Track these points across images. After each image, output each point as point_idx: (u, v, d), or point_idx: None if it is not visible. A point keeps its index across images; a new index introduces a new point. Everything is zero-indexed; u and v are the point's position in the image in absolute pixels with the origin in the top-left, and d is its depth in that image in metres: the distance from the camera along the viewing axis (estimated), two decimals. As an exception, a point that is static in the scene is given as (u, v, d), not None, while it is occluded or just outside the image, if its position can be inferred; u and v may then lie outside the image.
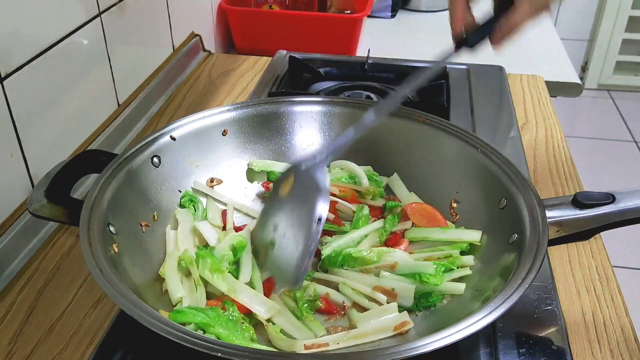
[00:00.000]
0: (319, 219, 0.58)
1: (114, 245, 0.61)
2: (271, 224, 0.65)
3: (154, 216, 0.71)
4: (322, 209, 0.59)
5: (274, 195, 0.67)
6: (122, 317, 0.66)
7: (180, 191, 0.76)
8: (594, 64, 3.33)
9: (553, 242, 0.62)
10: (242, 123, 0.82)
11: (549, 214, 0.62)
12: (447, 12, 0.70)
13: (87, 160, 0.72)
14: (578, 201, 0.63)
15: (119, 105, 1.04)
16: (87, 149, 0.92)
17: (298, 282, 0.59)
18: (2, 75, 0.73)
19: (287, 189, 0.65)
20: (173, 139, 0.75)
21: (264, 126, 0.84)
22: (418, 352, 0.48)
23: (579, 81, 1.34)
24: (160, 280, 0.66)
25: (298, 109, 0.85)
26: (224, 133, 0.80)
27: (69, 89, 0.88)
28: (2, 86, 0.73)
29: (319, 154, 0.64)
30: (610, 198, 0.62)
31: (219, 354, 0.48)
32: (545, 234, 0.59)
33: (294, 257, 0.60)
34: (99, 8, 0.94)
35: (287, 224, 0.63)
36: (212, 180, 0.79)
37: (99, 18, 0.94)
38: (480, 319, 0.51)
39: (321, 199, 0.59)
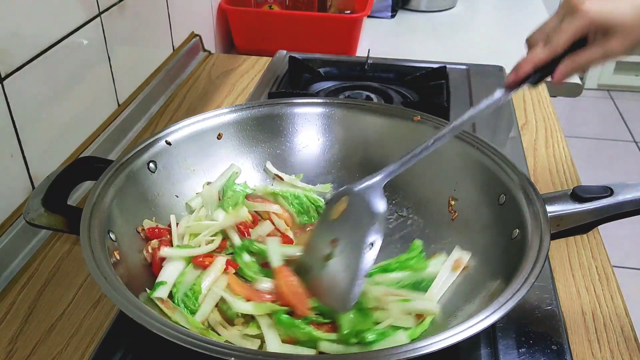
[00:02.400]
0: (371, 244, 0.59)
1: (116, 253, 0.61)
2: (322, 245, 0.65)
3: (153, 221, 0.71)
4: (375, 235, 0.60)
5: (324, 217, 0.68)
6: (122, 317, 0.66)
7: (177, 196, 0.76)
8: (594, 64, 3.33)
9: (553, 237, 0.62)
10: (238, 126, 0.82)
11: (548, 208, 0.62)
12: (446, 12, 0.71)
13: (83, 167, 0.71)
14: (577, 195, 0.63)
15: (119, 105, 1.04)
16: (87, 148, 0.93)
17: (346, 306, 0.59)
18: (2, 75, 0.73)
19: (339, 210, 0.65)
20: (168, 143, 0.75)
21: (261, 129, 0.83)
22: (421, 352, 0.48)
23: (579, 81, 1.34)
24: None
25: (295, 110, 0.85)
26: (219, 137, 0.80)
27: (69, 89, 0.88)
28: (2, 86, 0.73)
29: (373, 177, 0.65)
30: (608, 191, 0.63)
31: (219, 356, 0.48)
32: (547, 228, 0.60)
33: (343, 281, 0.60)
34: (99, 8, 0.94)
35: (338, 247, 0.63)
36: (208, 184, 0.79)
37: (99, 18, 0.94)
38: (490, 314, 0.51)
39: (374, 224, 0.60)
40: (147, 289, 0.62)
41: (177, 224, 0.72)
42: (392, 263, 0.69)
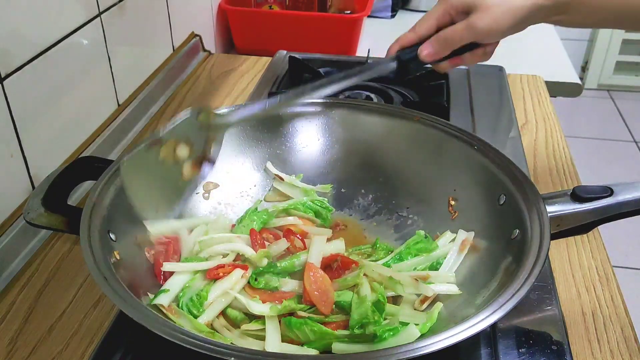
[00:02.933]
0: None
1: (115, 253, 0.61)
2: None
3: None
4: None
5: None
6: (122, 317, 0.66)
7: None
8: (594, 64, 3.33)
9: (553, 237, 0.62)
10: (238, 126, 0.81)
11: (548, 208, 0.62)
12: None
13: (83, 167, 0.71)
14: (577, 195, 0.63)
15: (119, 105, 1.04)
16: (87, 149, 0.92)
17: None
18: (2, 75, 0.73)
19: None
20: None
21: (261, 129, 0.83)
22: (421, 352, 0.48)
23: (579, 81, 1.34)
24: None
25: (295, 110, 0.85)
26: None
27: (69, 89, 0.88)
28: (2, 86, 0.73)
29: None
30: (608, 191, 0.63)
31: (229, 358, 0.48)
32: (547, 228, 0.60)
33: None
34: (99, 8, 0.94)
35: None
36: (207, 184, 0.79)
37: (99, 18, 0.94)
38: (490, 314, 0.51)
39: None
40: (148, 294, 0.62)
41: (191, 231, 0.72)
42: (403, 250, 0.71)
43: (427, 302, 0.64)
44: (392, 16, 1.74)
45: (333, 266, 0.68)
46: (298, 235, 0.73)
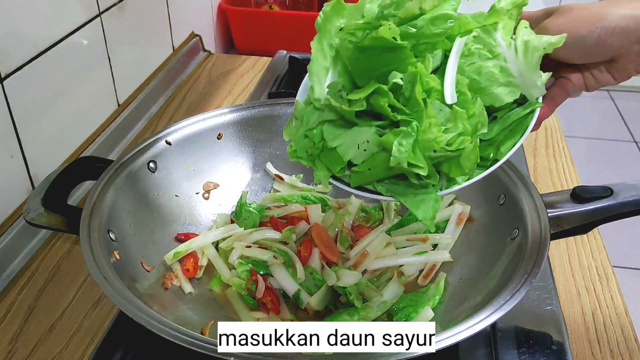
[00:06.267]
0: None
1: (115, 252, 0.61)
2: None
3: (154, 221, 0.71)
4: None
5: None
6: (122, 317, 0.66)
7: (177, 196, 0.76)
8: (593, 64, 3.32)
9: (553, 237, 0.62)
10: (238, 126, 0.82)
11: (548, 208, 0.63)
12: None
13: (83, 167, 0.72)
14: (577, 195, 0.63)
15: (118, 105, 1.04)
16: (87, 149, 0.93)
17: None
18: (2, 75, 0.73)
19: None
20: (168, 143, 0.75)
21: (261, 129, 0.83)
22: (421, 352, 0.48)
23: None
24: (162, 284, 0.66)
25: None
26: (219, 137, 0.80)
27: (69, 89, 0.88)
28: (2, 86, 0.73)
29: None
30: (608, 191, 0.63)
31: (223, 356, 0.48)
32: (547, 228, 0.60)
33: None
34: (99, 8, 0.94)
35: None
36: (207, 184, 0.79)
37: (99, 18, 0.94)
38: (491, 314, 0.52)
39: None
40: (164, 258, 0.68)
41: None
42: (405, 217, 0.74)
43: (430, 275, 0.67)
44: (392, 16, 1.73)
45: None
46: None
